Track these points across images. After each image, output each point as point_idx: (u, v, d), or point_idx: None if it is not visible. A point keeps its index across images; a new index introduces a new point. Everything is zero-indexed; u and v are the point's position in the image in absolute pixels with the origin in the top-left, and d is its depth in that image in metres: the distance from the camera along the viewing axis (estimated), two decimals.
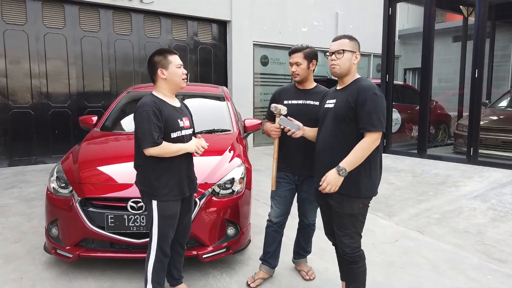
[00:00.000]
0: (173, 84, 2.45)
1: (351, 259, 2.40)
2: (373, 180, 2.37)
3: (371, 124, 2.22)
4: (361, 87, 2.31)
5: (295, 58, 2.77)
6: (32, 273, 2.99)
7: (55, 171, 3.15)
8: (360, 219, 2.38)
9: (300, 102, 2.79)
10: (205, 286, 2.87)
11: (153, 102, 2.35)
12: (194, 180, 2.59)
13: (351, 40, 2.39)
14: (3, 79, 6.62)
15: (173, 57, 2.45)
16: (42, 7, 6.85)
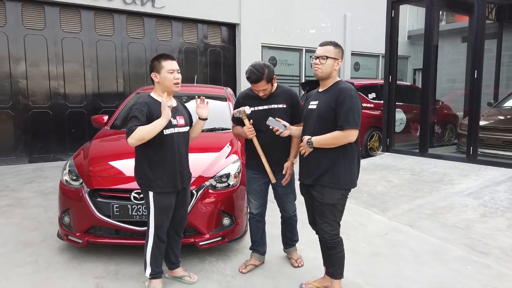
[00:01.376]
0: (164, 87, 2.72)
1: (329, 245, 2.64)
2: (351, 173, 2.61)
3: (347, 123, 2.46)
4: (340, 88, 2.56)
5: (260, 86, 2.89)
6: (47, 257, 3.31)
7: (68, 165, 3.47)
8: (339, 209, 2.62)
9: (265, 107, 2.98)
10: (201, 270, 3.13)
11: (144, 102, 2.65)
12: (186, 175, 2.84)
13: (336, 48, 2.63)
14: (24, 81, 7.05)
15: (167, 63, 2.72)
16: (59, 13, 7.26)
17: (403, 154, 7.21)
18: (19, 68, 6.99)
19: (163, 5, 8.03)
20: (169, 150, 2.70)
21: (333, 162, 2.54)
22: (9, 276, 2.97)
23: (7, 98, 6.93)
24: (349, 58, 11.26)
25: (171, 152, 2.71)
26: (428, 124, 6.98)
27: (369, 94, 8.21)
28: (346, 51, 11.16)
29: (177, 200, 2.81)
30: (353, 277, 3.07)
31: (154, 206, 2.70)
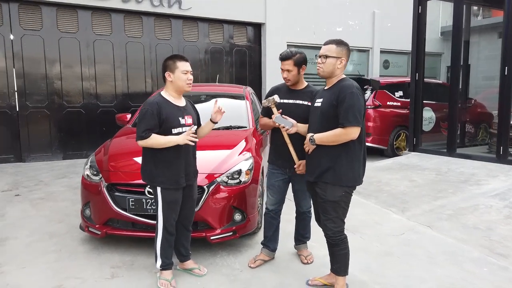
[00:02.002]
0: (177, 86, 2.83)
1: (333, 242, 2.66)
2: (355, 171, 2.61)
3: (347, 120, 2.47)
4: (342, 86, 2.57)
5: (286, 65, 3.00)
6: (70, 247, 3.52)
7: (89, 161, 3.67)
8: (342, 206, 2.63)
9: (290, 101, 3.05)
10: (211, 264, 3.23)
11: (155, 102, 2.75)
12: (192, 172, 2.93)
13: (339, 46, 2.64)
14: (58, 82, 7.44)
15: (181, 63, 2.83)
16: (91, 16, 7.59)
17: (431, 153, 7.03)
18: (54, 69, 7.38)
19: (189, 7, 8.22)
20: (176, 149, 2.78)
21: (335, 160, 2.56)
22: (34, 264, 3.19)
23: (43, 98, 7.34)
24: (378, 55, 11.06)
25: (178, 150, 2.80)
26: (456, 123, 6.77)
27: (396, 92, 8.06)
28: (374, 48, 11.00)
29: (184, 195, 2.91)
30: (361, 275, 3.07)
31: (162, 201, 2.81)
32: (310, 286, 2.90)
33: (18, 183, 5.68)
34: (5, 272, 3.04)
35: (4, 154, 7.09)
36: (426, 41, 7.34)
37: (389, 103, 7.85)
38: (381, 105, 7.70)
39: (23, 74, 7.15)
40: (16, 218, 4.24)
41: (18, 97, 7.13)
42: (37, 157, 7.29)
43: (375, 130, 7.64)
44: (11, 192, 5.21)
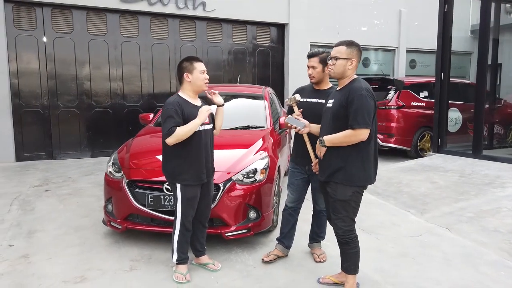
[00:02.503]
0: (196, 86, 2.94)
1: (343, 241, 2.69)
2: (366, 171, 2.63)
3: (356, 122, 2.50)
4: (352, 88, 2.60)
5: (311, 62, 3.09)
6: (92, 240, 3.70)
7: (112, 158, 3.84)
8: (352, 205, 2.66)
9: (313, 101, 3.11)
10: (226, 260, 3.32)
11: (176, 102, 2.87)
12: (210, 169, 3.04)
13: (349, 47, 2.66)
14: (88, 82, 7.74)
15: (198, 64, 2.95)
16: (119, 19, 7.86)
17: (455, 155, 6.88)
18: (84, 70, 7.69)
19: (213, 8, 8.37)
20: (197, 146, 2.91)
21: (345, 160, 2.59)
22: (58, 255, 3.37)
23: (73, 98, 7.66)
24: (404, 55, 10.88)
25: (198, 148, 2.92)
26: (482, 124, 6.59)
27: (421, 92, 7.91)
28: (400, 48, 10.82)
29: (202, 192, 3.02)
30: (373, 275, 3.08)
31: (182, 197, 2.93)
32: (321, 284, 2.93)
33: (48, 179, 5.96)
34: (32, 262, 3.23)
35: (36, 152, 7.44)
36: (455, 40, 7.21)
37: (413, 103, 7.72)
38: (405, 105, 7.59)
39: (55, 75, 7.49)
40: (44, 212, 4.47)
41: (50, 97, 7.47)
42: (67, 154, 7.61)
43: (398, 130, 7.54)
44: (41, 187, 5.48)
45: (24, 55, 7.25)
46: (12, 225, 4.03)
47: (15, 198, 4.93)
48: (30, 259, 3.30)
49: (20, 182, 5.74)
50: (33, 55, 7.31)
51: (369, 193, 5.36)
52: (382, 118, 7.63)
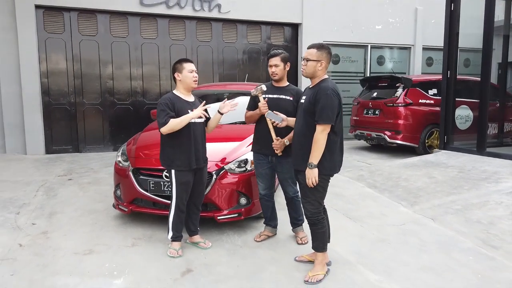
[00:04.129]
0: (185, 83, 3.34)
1: (311, 222, 3.01)
2: (331, 161, 2.93)
3: (321, 118, 2.82)
4: (320, 87, 2.91)
5: (274, 61, 3.44)
6: (103, 221, 4.16)
7: (121, 149, 4.29)
8: (320, 190, 2.96)
9: (275, 96, 3.48)
10: (217, 240, 3.70)
11: (168, 98, 3.28)
12: (201, 157, 3.41)
13: (319, 50, 2.97)
14: (110, 81, 8.31)
15: (187, 64, 3.34)
16: (140, 22, 8.38)
17: (461, 152, 6.97)
18: (107, 70, 8.27)
19: (228, 10, 8.76)
20: (187, 136, 3.31)
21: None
22: (72, 232, 3.85)
23: (97, 96, 8.26)
24: (420, 53, 10.89)
25: (188, 138, 3.31)
26: (485, 121, 6.66)
27: (430, 90, 8.01)
28: (416, 46, 10.84)
29: (195, 178, 3.41)
30: (348, 256, 3.38)
31: (176, 182, 3.33)
32: (296, 262, 3.26)
33: (72, 170, 6.53)
34: (50, 238, 3.72)
35: (64, 145, 8.08)
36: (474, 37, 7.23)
37: (422, 100, 7.83)
38: (413, 102, 7.72)
39: (81, 74, 8.10)
40: (66, 197, 5.00)
41: (76, 95, 8.09)
42: (91, 148, 8.22)
43: (405, 127, 7.68)
44: (65, 177, 6.04)
45: (53, 56, 7.90)
46: (37, 208, 4.56)
47: (42, 185, 5.49)
48: (48, 235, 3.79)
49: (47, 172, 6.33)
50: (61, 56, 7.94)
51: (367, 186, 5.63)
52: (390, 115, 7.80)
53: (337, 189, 5.43)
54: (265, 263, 3.26)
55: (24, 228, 3.93)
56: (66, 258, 3.30)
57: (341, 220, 4.27)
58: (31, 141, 7.69)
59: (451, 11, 7.05)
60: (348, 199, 5.03)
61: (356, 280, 2.99)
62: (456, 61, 7.26)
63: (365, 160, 7.56)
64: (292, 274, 3.08)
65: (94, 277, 2.99)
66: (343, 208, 4.67)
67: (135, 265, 3.19)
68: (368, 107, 8.34)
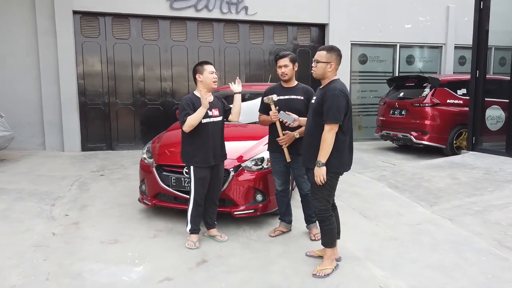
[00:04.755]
0: (206, 84, 3.55)
1: (319, 218, 3.12)
2: (340, 159, 3.03)
3: (328, 118, 2.92)
4: (328, 88, 3.02)
5: (284, 61, 3.60)
6: (129, 214, 4.44)
7: (147, 147, 4.56)
8: (327, 188, 3.06)
9: (286, 97, 3.62)
10: (233, 234, 3.87)
11: (189, 98, 3.52)
12: (219, 154, 3.60)
13: (328, 52, 3.07)
14: (142, 82, 8.70)
15: (208, 66, 3.55)
16: (170, 25, 8.72)
17: (490, 153, 6.82)
18: (139, 72, 8.66)
19: (255, 12, 8.94)
20: (206, 135, 3.52)
21: None
22: (101, 223, 4.15)
23: (129, 97, 8.67)
24: (452, 52, 10.64)
25: (206, 136, 3.52)
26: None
27: (459, 90, 7.86)
28: (448, 44, 10.60)
29: (212, 174, 3.61)
30: (357, 252, 3.46)
31: (194, 177, 3.55)
32: (307, 256, 3.39)
33: (104, 166, 6.92)
34: (80, 228, 4.03)
35: (98, 143, 8.55)
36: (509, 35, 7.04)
37: (450, 101, 7.70)
38: (440, 103, 7.61)
39: (114, 76, 8.53)
40: (97, 191, 5.34)
41: (110, 95, 8.53)
42: (124, 146, 8.63)
43: (432, 128, 7.58)
44: (98, 172, 6.43)
45: (89, 59, 8.37)
46: (70, 200, 4.91)
47: (76, 180, 5.88)
48: (79, 225, 4.10)
49: (81, 167, 6.75)
50: (97, 59, 8.40)
51: (387, 186, 5.64)
52: (416, 115, 7.72)
53: (357, 189, 5.49)
54: (276, 256, 3.41)
55: (57, 219, 4.27)
56: (93, 246, 3.58)
57: (355, 218, 4.34)
58: (68, 139, 8.19)
59: (480, 8, 6.89)
60: (366, 198, 5.08)
61: (363, 275, 3.08)
62: (485, 60, 7.09)
63: (390, 160, 7.52)
64: (301, 268, 3.20)
65: (117, 264, 3.24)
66: (360, 206, 4.73)
67: (154, 254, 3.42)
68: (394, 107, 8.29)
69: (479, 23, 6.97)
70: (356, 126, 10.14)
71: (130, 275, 3.06)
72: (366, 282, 2.98)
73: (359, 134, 10.08)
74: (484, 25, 6.97)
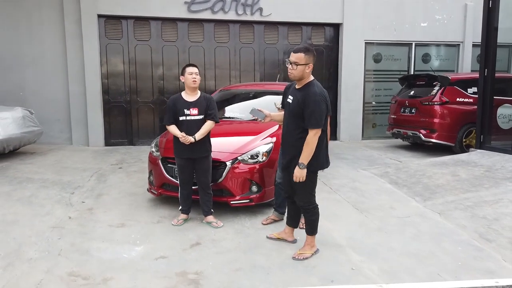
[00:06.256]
0: (186, 84, 4.03)
1: (304, 209, 3.39)
2: (318, 158, 3.25)
3: (311, 124, 3.13)
4: (308, 92, 3.18)
5: None
6: (139, 202, 4.86)
7: (155, 141, 4.97)
8: (309, 184, 3.28)
9: None
10: (229, 221, 4.21)
11: (172, 99, 4.01)
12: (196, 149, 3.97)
13: (306, 54, 3.20)
14: (161, 81, 9.18)
15: (189, 68, 4.04)
16: (188, 27, 9.15)
17: (497, 151, 6.83)
18: (158, 71, 9.14)
19: (270, 13, 9.23)
20: (182, 131, 3.95)
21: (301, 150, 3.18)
22: (112, 210, 4.58)
23: (149, 95, 9.17)
24: (470, 50, 10.55)
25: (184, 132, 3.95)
26: None
27: (469, 88, 7.88)
28: (465, 43, 10.52)
29: (196, 166, 4.04)
30: (340, 240, 3.72)
31: (177, 165, 4.09)
32: (267, 238, 3.76)
33: (123, 160, 7.42)
34: (94, 213, 4.47)
35: (120, 139, 9.10)
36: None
37: (459, 99, 7.74)
38: (449, 101, 7.66)
39: (136, 75, 9.05)
40: (113, 182, 5.80)
41: (131, 94, 9.06)
42: (144, 141, 9.14)
43: (441, 126, 7.65)
44: (117, 165, 6.92)
45: (112, 60, 8.92)
46: (88, 190, 5.39)
47: (96, 172, 6.38)
48: (93, 211, 4.55)
49: (102, 161, 7.27)
50: (119, 60, 8.95)
51: (388, 182, 5.82)
52: (426, 113, 7.81)
53: (357, 184, 5.71)
54: (264, 241, 3.72)
55: (75, 205, 4.74)
56: (102, 229, 4.01)
57: (347, 210, 4.59)
58: (92, 134, 8.77)
59: (489, 7, 6.92)
60: (364, 193, 5.29)
61: (340, 260, 3.34)
62: (494, 58, 7.10)
63: (398, 158, 7.65)
64: (284, 251, 3.50)
65: (121, 244, 3.64)
66: (355, 200, 4.96)
67: (155, 237, 3.81)
68: (405, 105, 8.39)
69: (488, 20, 6.99)
70: (370, 124, 10.26)
71: (131, 253, 3.46)
72: (341, 265, 3.25)
73: (372, 132, 10.20)
74: (493, 22, 6.98)
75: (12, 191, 5.10)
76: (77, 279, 3.01)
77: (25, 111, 7.39)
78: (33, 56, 8.63)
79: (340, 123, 9.85)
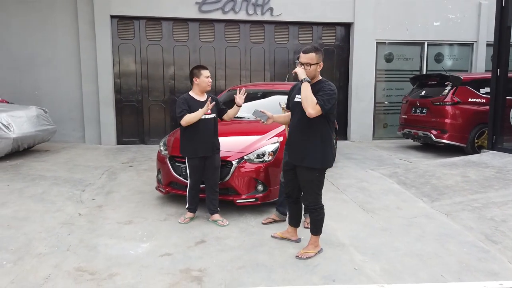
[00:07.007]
0: (201, 87, 4.02)
1: (310, 209, 3.41)
2: (326, 157, 3.29)
3: (320, 99, 3.12)
4: (324, 84, 3.24)
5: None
6: (147, 200, 4.94)
7: (164, 140, 5.04)
8: (316, 184, 3.32)
9: None
10: (235, 220, 4.25)
11: (184, 98, 4.01)
12: (209, 147, 4.03)
13: (317, 53, 3.26)
14: (172, 81, 9.29)
15: (204, 71, 4.01)
16: (199, 27, 9.23)
17: (510, 153, 6.73)
18: (169, 71, 9.25)
19: (280, 13, 9.25)
20: (195, 130, 3.99)
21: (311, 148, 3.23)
22: (121, 207, 4.67)
23: (160, 94, 9.28)
24: (484, 49, 10.39)
25: (196, 131, 3.99)
26: None
27: (482, 88, 7.77)
28: (479, 42, 10.37)
29: (206, 164, 4.07)
30: (344, 239, 3.74)
31: (188, 166, 4.08)
32: (272, 237, 3.78)
33: (134, 158, 7.54)
34: (103, 210, 4.57)
35: (132, 137, 9.23)
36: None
37: (471, 99, 7.64)
38: (461, 101, 7.57)
39: (147, 75, 9.18)
40: (124, 180, 5.91)
41: (143, 93, 9.19)
42: (155, 140, 9.25)
43: (453, 127, 7.56)
44: (127, 164, 7.03)
45: (124, 60, 9.06)
46: (98, 187, 5.50)
47: (107, 170, 6.50)
48: (102, 208, 4.65)
49: (114, 159, 7.40)
50: (131, 59, 9.08)
51: (396, 182, 5.79)
52: (437, 114, 7.73)
53: (365, 184, 5.70)
54: (268, 240, 3.75)
55: (85, 202, 4.85)
56: (110, 225, 4.10)
57: (353, 211, 4.59)
58: (105, 133, 8.93)
59: (501, 6, 6.81)
60: (371, 193, 5.28)
61: (342, 259, 3.36)
62: (507, 58, 6.98)
63: (408, 158, 7.59)
64: (287, 250, 3.53)
65: (128, 240, 3.72)
66: (362, 200, 4.95)
67: (161, 234, 3.88)
68: (416, 105, 8.32)
69: (500, 19, 6.89)
70: (381, 124, 10.19)
71: (137, 249, 3.53)
72: (343, 264, 3.26)
73: (383, 132, 10.13)
74: (506, 21, 6.88)
75: (24, 188, 5.24)
76: (84, 274, 3.10)
77: (39, 110, 7.56)
78: (47, 56, 8.82)
79: (350, 123, 9.82)
